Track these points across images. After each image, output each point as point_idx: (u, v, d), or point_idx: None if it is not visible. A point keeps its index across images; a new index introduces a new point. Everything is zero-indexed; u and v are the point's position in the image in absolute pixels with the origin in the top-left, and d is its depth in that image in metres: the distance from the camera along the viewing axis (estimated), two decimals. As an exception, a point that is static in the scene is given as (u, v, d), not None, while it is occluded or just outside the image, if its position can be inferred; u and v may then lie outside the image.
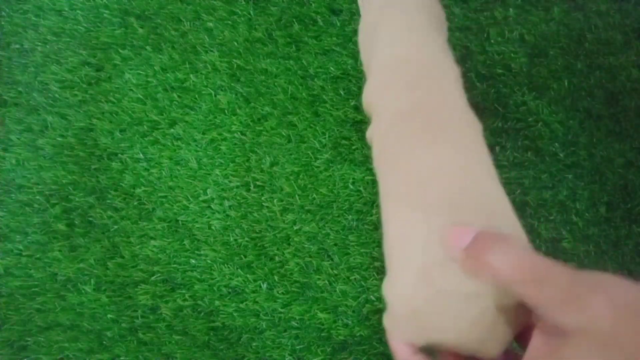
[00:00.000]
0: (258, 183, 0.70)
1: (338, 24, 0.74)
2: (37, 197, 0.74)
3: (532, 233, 0.63)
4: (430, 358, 0.29)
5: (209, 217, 0.70)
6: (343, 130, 0.69)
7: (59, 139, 0.77)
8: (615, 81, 0.66)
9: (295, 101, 0.73)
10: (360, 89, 0.72)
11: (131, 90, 0.77)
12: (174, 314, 0.67)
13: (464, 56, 0.70)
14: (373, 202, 0.67)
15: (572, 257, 0.62)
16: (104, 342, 0.67)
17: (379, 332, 0.62)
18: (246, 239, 0.68)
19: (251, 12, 0.77)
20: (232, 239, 0.68)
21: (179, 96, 0.76)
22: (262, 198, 0.69)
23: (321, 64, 0.73)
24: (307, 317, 0.64)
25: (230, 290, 0.67)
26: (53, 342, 0.68)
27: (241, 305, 0.66)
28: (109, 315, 0.68)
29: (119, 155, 0.74)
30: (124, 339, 0.67)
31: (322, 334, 0.63)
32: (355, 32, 0.74)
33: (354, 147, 0.69)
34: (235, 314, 0.65)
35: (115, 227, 0.71)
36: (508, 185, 0.65)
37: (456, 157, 0.31)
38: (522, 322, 0.27)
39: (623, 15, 0.68)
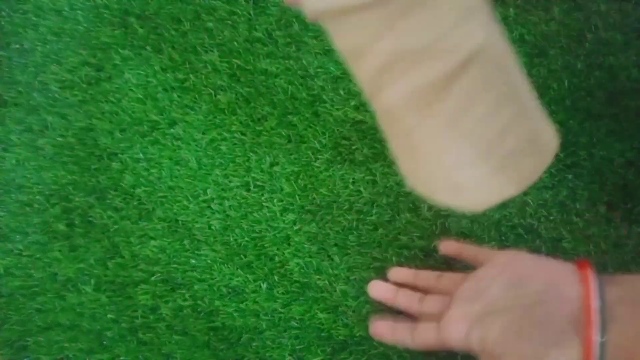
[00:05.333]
0: (258, 183, 0.70)
1: (338, 24, 0.74)
2: (37, 197, 0.74)
3: (532, 233, 0.63)
4: None
5: (209, 217, 0.70)
6: (343, 130, 0.69)
7: (59, 139, 0.77)
8: (615, 81, 0.66)
9: (295, 101, 0.73)
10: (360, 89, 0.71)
11: (131, 90, 0.77)
12: (174, 314, 0.67)
13: (464, 56, 0.70)
14: (373, 202, 0.67)
15: (572, 257, 0.62)
16: (104, 342, 0.67)
17: (379, 332, 0.62)
18: (246, 239, 0.68)
19: (251, 12, 0.77)
20: (232, 239, 0.68)
21: (178, 96, 0.76)
22: (262, 198, 0.69)
23: (321, 64, 0.73)
24: (307, 317, 0.64)
25: (230, 290, 0.67)
26: (53, 342, 0.68)
27: (241, 305, 0.66)
28: (109, 315, 0.68)
29: (119, 155, 0.74)
30: (124, 339, 0.67)
31: (322, 334, 0.63)
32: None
33: (354, 147, 0.69)
34: (235, 314, 0.65)
35: (115, 227, 0.71)
36: (508, 185, 0.65)
37: None
38: None
39: (623, 15, 0.68)
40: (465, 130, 0.25)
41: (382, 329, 0.47)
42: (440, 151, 0.26)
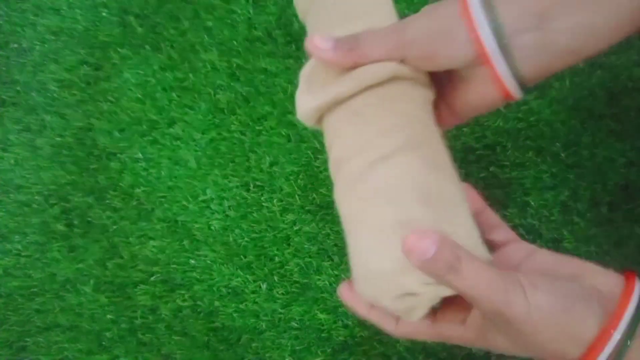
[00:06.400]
0: (258, 183, 0.70)
1: (338, 23, 0.74)
2: (36, 197, 0.74)
3: (534, 233, 0.63)
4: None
5: (208, 217, 0.69)
6: (343, 130, 0.69)
7: (58, 138, 0.76)
8: (616, 81, 0.66)
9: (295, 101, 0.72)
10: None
11: (130, 89, 0.77)
12: (173, 314, 0.67)
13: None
14: (373, 202, 0.67)
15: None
16: (104, 343, 0.67)
17: (379, 333, 0.62)
18: (246, 239, 0.68)
19: (250, 11, 0.77)
20: (231, 239, 0.68)
21: (178, 95, 0.75)
22: (262, 198, 0.69)
23: (321, 63, 0.72)
24: (307, 317, 0.64)
25: (230, 290, 0.66)
26: (52, 342, 0.68)
27: (241, 306, 0.65)
28: (108, 316, 0.68)
29: (118, 155, 0.74)
30: (124, 340, 0.67)
31: (322, 335, 0.63)
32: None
33: (354, 147, 0.69)
34: (235, 315, 0.65)
35: (114, 227, 0.71)
36: (509, 185, 0.65)
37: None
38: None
39: (625, 14, 0.67)
40: (385, 226, 0.31)
41: (354, 299, 0.35)
42: (365, 244, 0.33)
